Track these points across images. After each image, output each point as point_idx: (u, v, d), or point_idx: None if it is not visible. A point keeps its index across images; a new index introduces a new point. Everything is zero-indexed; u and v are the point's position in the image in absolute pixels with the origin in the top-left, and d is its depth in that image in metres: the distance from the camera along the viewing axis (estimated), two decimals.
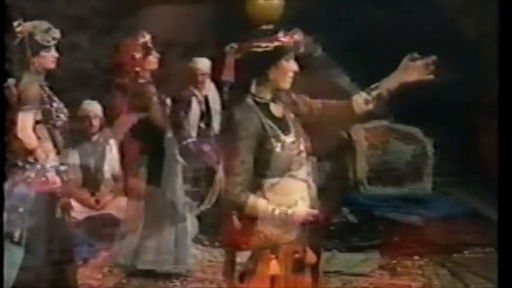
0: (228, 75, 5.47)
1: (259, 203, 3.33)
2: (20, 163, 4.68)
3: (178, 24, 8.49)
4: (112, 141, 6.92)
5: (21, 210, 4.61)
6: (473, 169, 8.04)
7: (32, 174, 4.66)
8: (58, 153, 4.74)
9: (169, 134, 5.86)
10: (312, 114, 3.58)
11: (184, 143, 7.19)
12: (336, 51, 5.93)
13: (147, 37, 5.78)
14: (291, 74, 3.44)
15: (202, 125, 7.65)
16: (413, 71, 3.60)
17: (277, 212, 3.32)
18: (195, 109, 7.60)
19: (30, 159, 4.66)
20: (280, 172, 3.39)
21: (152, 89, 5.75)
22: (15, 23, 4.68)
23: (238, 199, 3.32)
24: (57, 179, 4.69)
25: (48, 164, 4.67)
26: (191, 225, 6.11)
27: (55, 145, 4.73)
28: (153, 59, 5.79)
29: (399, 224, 7.28)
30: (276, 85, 3.44)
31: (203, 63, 7.54)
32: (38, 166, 4.66)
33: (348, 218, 7.35)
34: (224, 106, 7.01)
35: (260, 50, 3.38)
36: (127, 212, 6.01)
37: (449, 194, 8.26)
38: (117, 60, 5.79)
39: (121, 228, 5.96)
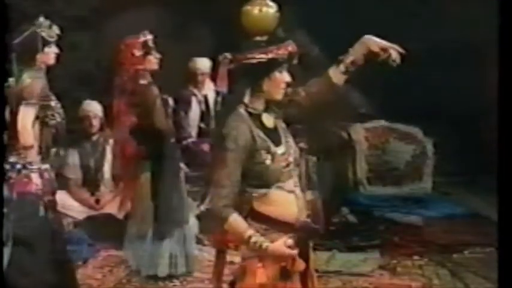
0: (221, 86, 5.45)
1: (239, 224, 3.32)
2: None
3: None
4: (112, 142, 6.92)
5: (6, 211, 4.61)
6: (473, 169, 8.04)
7: (13, 175, 4.65)
8: (43, 152, 4.74)
9: (171, 138, 5.83)
10: (302, 109, 3.58)
11: (184, 143, 7.20)
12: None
13: (149, 36, 5.75)
14: (283, 86, 3.46)
15: (202, 125, 7.66)
16: (375, 43, 3.54)
17: (253, 239, 3.31)
18: (195, 109, 7.61)
19: (12, 160, 4.66)
20: (269, 184, 3.39)
21: (155, 91, 5.70)
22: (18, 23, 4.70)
23: (220, 213, 3.31)
24: (39, 180, 4.69)
25: (30, 163, 4.66)
26: (192, 225, 6.10)
27: (42, 144, 4.73)
28: (153, 59, 5.72)
29: (399, 224, 7.28)
30: (269, 96, 3.45)
31: (203, 63, 7.55)
32: (19, 166, 4.66)
33: (348, 218, 7.35)
34: (216, 116, 6.99)
35: (254, 61, 3.39)
36: (131, 215, 5.97)
37: (449, 194, 8.26)
38: (118, 59, 5.77)
39: (128, 232, 5.90)
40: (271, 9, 4.83)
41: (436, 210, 7.65)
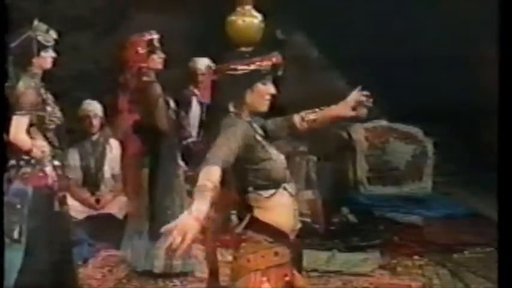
0: (205, 97, 5.43)
1: (214, 175, 3.06)
2: (14, 162, 4.68)
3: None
4: (112, 141, 6.92)
5: (18, 207, 4.61)
6: (473, 169, 8.05)
7: (28, 170, 4.66)
8: (52, 151, 4.74)
9: (171, 138, 5.82)
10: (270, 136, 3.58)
11: (184, 142, 7.19)
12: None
13: (155, 36, 5.74)
14: (268, 97, 3.41)
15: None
16: (349, 108, 3.61)
17: (198, 187, 3.07)
18: (195, 109, 7.60)
19: (25, 157, 4.66)
20: (278, 182, 3.38)
21: (158, 89, 5.68)
22: (20, 24, 4.70)
23: (210, 158, 3.13)
24: (54, 173, 4.70)
25: (43, 159, 4.68)
26: None
27: (49, 144, 4.74)
28: (157, 59, 5.71)
29: (399, 224, 7.29)
30: (252, 108, 3.41)
31: (203, 63, 7.54)
32: (33, 161, 4.66)
33: (348, 218, 7.36)
34: (202, 126, 7.00)
35: (236, 73, 3.35)
36: (130, 213, 5.99)
37: (449, 194, 8.27)
38: (122, 57, 5.77)
39: (127, 229, 5.91)
40: (256, 19, 4.79)
41: (436, 210, 7.66)
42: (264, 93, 3.40)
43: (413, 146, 8.57)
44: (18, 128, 4.59)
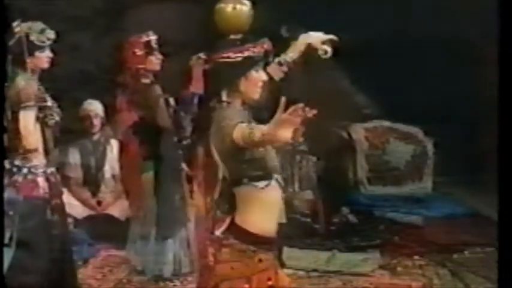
0: (197, 87, 5.41)
1: (244, 128, 3.15)
2: (8, 165, 4.65)
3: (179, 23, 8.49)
4: (113, 141, 6.92)
5: (11, 213, 4.58)
6: (473, 169, 8.04)
7: (20, 179, 4.64)
8: (47, 153, 4.72)
9: (173, 138, 5.82)
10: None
11: (184, 143, 7.19)
12: None
13: (152, 37, 5.72)
14: (260, 84, 3.40)
15: None
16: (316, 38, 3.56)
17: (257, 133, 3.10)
18: (195, 108, 7.58)
19: (17, 163, 4.64)
20: (271, 173, 3.35)
21: (158, 90, 5.67)
22: (13, 24, 4.68)
23: (231, 128, 3.19)
24: (46, 184, 4.67)
25: (36, 167, 4.65)
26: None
27: (45, 145, 4.72)
28: (155, 60, 5.69)
29: (399, 224, 7.29)
30: (245, 96, 3.39)
31: None
32: (25, 170, 4.64)
33: (348, 218, 7.35)
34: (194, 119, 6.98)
35: (229, 60, 3.33)
36: (133, 216, 5.97)
37: (449, 194, 8.26)
38: (120, 58, 5.76)
39: (130, 233, 5.91)
40: (245, 6, 4.76)
41: (436, 210, 7.66)
42: (257, 80, 3.39)
43: (413, 146, 8.57)
44: (27, 123, 4.58)
